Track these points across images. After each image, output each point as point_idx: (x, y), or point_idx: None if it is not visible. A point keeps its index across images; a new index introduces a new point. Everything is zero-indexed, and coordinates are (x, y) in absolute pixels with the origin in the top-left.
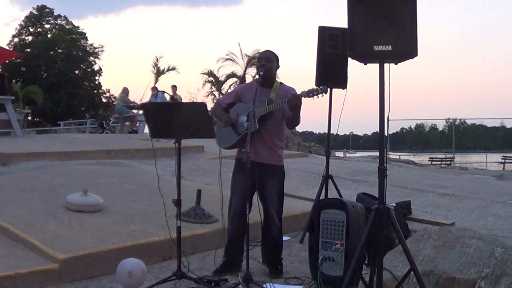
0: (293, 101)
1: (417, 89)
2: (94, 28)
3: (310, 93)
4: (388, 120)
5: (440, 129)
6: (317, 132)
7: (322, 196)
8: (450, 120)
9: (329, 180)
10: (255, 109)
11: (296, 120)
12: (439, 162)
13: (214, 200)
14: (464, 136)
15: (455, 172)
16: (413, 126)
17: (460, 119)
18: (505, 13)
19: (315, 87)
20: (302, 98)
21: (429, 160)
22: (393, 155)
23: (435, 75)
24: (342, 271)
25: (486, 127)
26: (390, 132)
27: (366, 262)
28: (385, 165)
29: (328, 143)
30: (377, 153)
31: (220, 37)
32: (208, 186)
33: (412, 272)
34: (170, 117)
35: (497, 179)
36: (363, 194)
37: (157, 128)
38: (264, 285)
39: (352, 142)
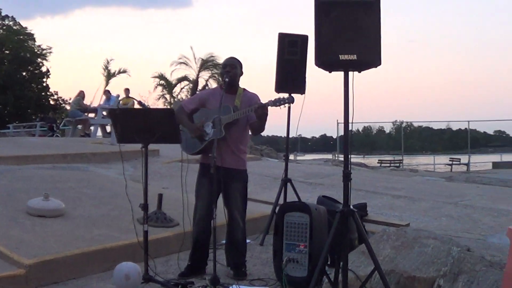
0: (260, 110)
1: (364, 92)
2: (42, 29)
3: (277, 103)
4: (337, 123)
5: (387, 131)
6: (265, 135)
7: (281, 199)
8: (397, 123)
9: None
10: (221, 116)
11: (262, 127)
12: (388, 164)
13: (173, 204)
14: (411, 139)
15: (405, 174)
16: (360, 129)
17: (407, 122)
18: (451, 17)
19: (282, 97)
20: (269, 107)
21: (378, 162)
22: (343, 158)
23: (381, 78)
24: (306, 272)
25: (433, 129)
26: (339, 135)
27: (329, 263)
28: (349, 169)
29: (287, 147)
30: (327, 156)
31: (170, 40)
32: (166, 190)
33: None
34: (137, 123)
35: (447, 181)
36: (323, 197)
37: (124, 133)
38: (231, 287)
39: (301, 144)
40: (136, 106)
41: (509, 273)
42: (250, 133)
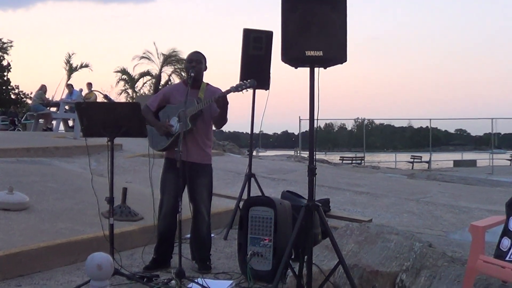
0: (221, 100)
1: (326, 89)
2: (3, 23)
3: (239, 88)
4: (300, 119)
5: (349, 128)
6: (227, 131)
7: (244, 194)
8: (359, 120)
9: (251, 179)
10: (186, 109)
11: (224, 119)
12: (350, 161)
13: (137, 198)
14: (372, 136)
15: (368, 171)
16: (322, 126)
17: (369, 119)
18: (414, 15)
19: (242, 82)
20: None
21: (340, 159)
22: (305, 154)
23: (343, 76)
24: (270, 265)
25: (394, 127)
26: (301, 131)
27: (293, 257)
28: (314, 164)
29: (251, 142)
30: (289, 152)
31: (133, 35)
32: (129, 184)
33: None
34: (103, 116)
35: (408, 178)
36: (287, 192)
37: (90, 127)
38: (196, 280)
39: (262, 140)
40: (102, 100)
41: (471, 268)
42: (213, 127)
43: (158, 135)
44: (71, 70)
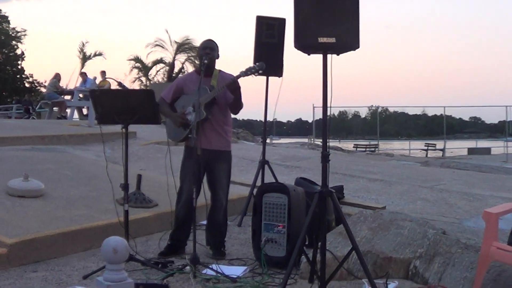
0: (233, 85)
1: (340, 77)
2: (18, 12)
3: (248, 72)
4: (313, 107)
5: (363, 116)
6: (240, 119)
7: (258, 181)
8: (373, 108)
9: (265, 166)
10: (200, 98)
11: (239, 104)
12: (364, 149)
13: (151, 185)
14: (386, 124)
15: (381, 159)
16: (336, 113)
17: (383, 107)
18: (427, 3)
19: (252, 65)
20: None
21: (354, 147)
22: (319, 142)
23: (357, 63)
24: (284, 252)
25: (408, 115)
26: (315, 119)
27: (306, 243)
28: (328, 151)
29: (265, 129)
30: (303, 140)
31: (147, 23)
32: (143, 171)
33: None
34: (118, 104)
35: (422, 166)
36: (301, 179)
37: (104, 114)
38: (210, 266)
39: (276, 128)
40: (116, 87)
41: (484, 255)
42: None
43: (175, 126)
44: (84, 58)
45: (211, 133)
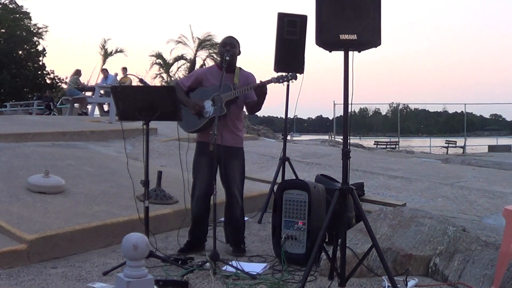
0: (260, 89)
1: (361, 74)
2: (39, 8)
3: (280, 79)
4: (334, 104)
5: (384, 113)
6: (261, 116)
7: (279, 178)
8: (393, 105)
9: (286, 162)
10: (221, 94)
11: (260, 107)
12: (384, 146)
13: (172, 181)
14: (407, 121)
15: (402, 156)
16: (357, 110)
17: (403, 104)
18: (450, 1)
19: (284, 74)
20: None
21: (374, 144)
22: (339, 138)
23: (378, 60)
24: (304, 249)
25: (429, 112)
26: (335, 116)
27: (326, 240)
28: (348, 148)
29: (285, 126)
30: (323, 137)
31: (168, 19)
32: (164, 168)
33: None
34: (139, 100)
35: (443, 163)
36: (321, 176)
37: (125, 111)
38: (230, 263)
39: (297, 125)
40: (138, 83)
41: (504, 253)
42: (246, 112)
43: (190, 116)
44: (106, 55)
45: (224, 130)
